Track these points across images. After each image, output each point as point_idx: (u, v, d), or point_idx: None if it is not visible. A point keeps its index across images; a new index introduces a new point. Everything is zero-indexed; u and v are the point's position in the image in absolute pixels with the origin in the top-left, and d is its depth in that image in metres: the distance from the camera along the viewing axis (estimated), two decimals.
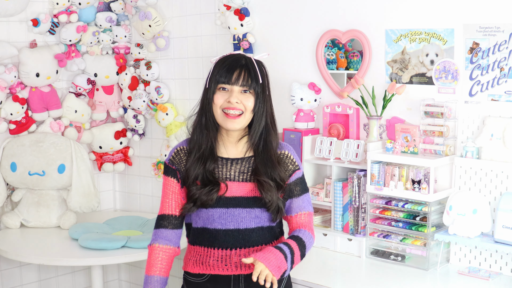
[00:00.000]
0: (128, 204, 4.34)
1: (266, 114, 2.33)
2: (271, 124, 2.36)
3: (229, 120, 2.28)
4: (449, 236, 2.76)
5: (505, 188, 2.74)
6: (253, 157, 2.34)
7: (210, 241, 2.32)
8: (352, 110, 3.12)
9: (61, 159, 3.71)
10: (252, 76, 2.28)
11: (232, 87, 2.27)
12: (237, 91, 2.27)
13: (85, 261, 3.29)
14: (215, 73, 2.30)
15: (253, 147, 2.34)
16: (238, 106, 2.27)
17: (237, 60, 2.30)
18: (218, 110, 2.29)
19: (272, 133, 2.35)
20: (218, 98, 2.29)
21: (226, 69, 2.29)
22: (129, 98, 4.04)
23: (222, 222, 2.30)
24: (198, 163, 2.31)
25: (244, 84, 2.27)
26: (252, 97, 2.29)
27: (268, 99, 2.35)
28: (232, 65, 2.29)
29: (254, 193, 2.31)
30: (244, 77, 2.28)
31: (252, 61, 2.32)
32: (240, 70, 2.28)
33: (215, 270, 2.31)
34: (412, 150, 2.89)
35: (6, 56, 3.64)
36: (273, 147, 2.34)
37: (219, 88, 2.29)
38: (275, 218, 2.33)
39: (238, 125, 2.29)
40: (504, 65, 2.70)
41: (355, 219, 3.02)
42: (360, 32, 3.10)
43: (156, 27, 3.83)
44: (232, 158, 2.35)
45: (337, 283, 2.75)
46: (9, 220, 3.68)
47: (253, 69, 2.29)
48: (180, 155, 2.37)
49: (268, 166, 2.31)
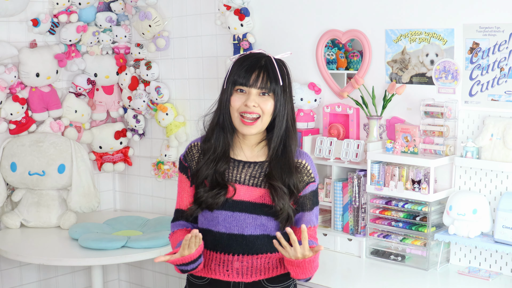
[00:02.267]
0: (128, 204, 4.34)
1: (287, 116, 2.25)
2: (292, 127, 2.27)
3: (245, 126, 2.21)
4: (449, 236, 2.76)
5: (505, 188, 2.74)
6: (266, 162, 2.28)
7: (213, 244, 2.27)
8: (352, 110, 3.12)
9: (61, 159, 3.71)
10: (272, 78, 2.20)
11: (250, 89, 2.20)
12: (255, 94, 2.20)
13: (85, 261, 3.29)
14: (233, 73, 2.22)
15: (273, 151, 2.26)
16: (255, 110, 2.19)
17: (256, 61, 2.22)
18: (235, 113, 2.23)
19: (292, 136, 2.27)
20: (235, 101, 2.22)
21: (245, 70, 2.20)
22: (129, 98, 4.04)
23: (226, 226, 2.24)
24: (210, 163, 2.26)
25: (262, 87, 2.19)
26: (271, 100, 2.21)
27: (289, 101, 2.26)
28: (250, 66, 2.21)
29: (262, 199, 2.24)
30: (263, 79, 2.19)
31: (272, 61, 2.23)
32: (259, 72, 2.20)
33: (216, 274, 2.27)
34: (412, 150, 2.89)
35: (6, 56, 3.64)
36: (292, 151, 2.26)
37: (236, 89, 2.22)
38: (283, 227, 2.23)
39: (254, 130, 2.22)
40: (504, 65, 2.70)
41: (355, 219, 3.02)
42: (360, 32, 3.10)
43: (156, 27, 3.83)
44: (245, 161, 2.29)
45: (337, 283, 2.75)
46: (9, 220, 3.68)
47: (272, 70, 2.21)
48: (193, 151, 2.33)
49: (284, 171, 2.24)
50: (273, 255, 2.28)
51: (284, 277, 2.31)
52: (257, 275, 2.26)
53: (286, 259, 2.16)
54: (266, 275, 2.27)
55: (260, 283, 2.27)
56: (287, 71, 2.28)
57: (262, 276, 2.27)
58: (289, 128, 2.26)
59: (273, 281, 2.29)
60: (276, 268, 2.29)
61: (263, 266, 2.27)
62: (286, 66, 2.29)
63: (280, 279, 2.30)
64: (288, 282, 2.33)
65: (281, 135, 2.25)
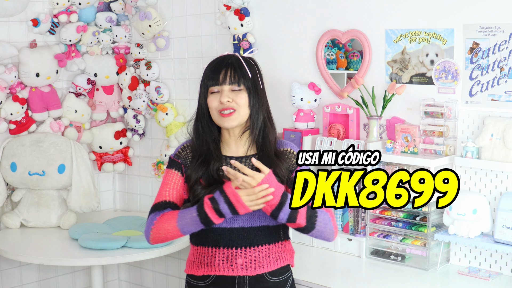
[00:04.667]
0: (128, 204, 4.34)
1: (262, 108, 2.34)
2: (268, 119, 2.37)
3: (224, 119, 2.30)
4: (449, 236, 2.76)
5: (505, 188, 2.74)
6: (256, 155, 2.35)
7: (214, 240, 2.31)
8: (352, 110, 3.12)
9: (61, 159, 3.71)
10: (239, 73, 2.29)
11: (221, 87, 2.30)
12: (227, 90, 2.29)
13: (85, 261, 3.29)
14: (204, 77, 2.34)
15: (255, 143, 2.35)
16: (230, 105, 2.28)
17: (222, 60, 2.33)
18: (214, 113, 2.31)
19: (269, 127, 2.36)
20: (212, 102, 2.31)
21: (213, 71, 2.32)
22: (129, 98, 4.04)
23: (226, 221, 2.29)
24: (200, 166, 2.31)
25: (232, 82, 2.29)
26: (244, 94, 2.30)
27: (263, 94, 2.36)
28: (217, 66, 2.32)
29: None
30: (231, 74, 2.29)
31: (238, 58, 2.33)
32: (226, 69, 2.30)
33: (220, 271, 2.31)
34: (412, 150, 2.89)
35: (6, 56, 3.64)
36: (271, 142, 2.35)
37: (210, 92, 2.32)
38: None
39: (235, 122, 2.30)
40: (504, 65, 2.70)
41: (355, 219, 3.02)
42: (360, 32, 3.10)
43: (156, 27, 3.83)
44: (236, 156, 2.36)
45: (337, 283, 2.75)
46: (9, 220, 3.68)
47: (239, 66, 2.30)
48: (187, 151, 2.38)
49: (271, 162, 2.30)
50: (272, 246, 2.35)
51: (283, 270, 2.40)
52: (260, 269, 2.33)
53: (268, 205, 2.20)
54: (268, 269, 2.35)
55: (263, 276, 2.34)
56: (256, 65, 2.37)
57: (264, 269, 2.34)
58: (266, 120, 2.35)
59: (274, 274, 2.36)
60: (276, 261, 2.36)
61: (265, 260, 2.34)
62: (255, 62, 2.39)
63: (280, 271, 2.38)
64: (287, 274, 2.42)
65: (259, 126, 2.34)
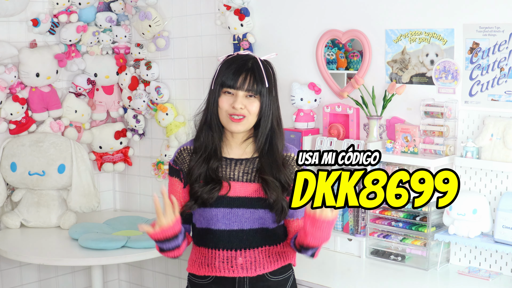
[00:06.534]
0: (128, 204, 4.34)
1: (272, 116, 2.31)
2: (277, 126, 2.34)
3: (233, 123, 2.27)
4: (449, 236, 2.76)
5: (505, 188, 2.74)
6: (257, 158, 2.33)
7: (214, 242, 2.31)
8: (352, 110, 3.12)
9: (61, 159, 3.71)
10: (258, 80, 2.26)
11: (237, 91, 2.26)
12: (242, 96, 2.26)
13: (85, 261, 3.29)
14: (221, 75, 2.29)
15: (259, 148, 2.32)
16: (242, 111, 2.25)
17: (243, 63, 2.28)
18: (223, 113, 2.28)
19: (278, 135, 2.33)
20: (223, 102, 2.28)
21: (232, 72, 2.26)
22: (129, 98, 4.04)
23: (226, 223, 2.28)
24: (202, 162, 2.30)
25: (249, 89, 2.25)
26: (257, 101, 2.27)
27: (275, 101, 2.33)
28: (238, 69, 2.27)
29: (258, 193, 2.29)
30: (249, 81, 2.25)
31: (258, 63, 2.29)
32: (246, 74, 2.26)
33: (220, 272, 2.30)
34: (412, 150, 2.89)
35: (6, 56, 3.64)
36: (278, 149, 2.32)
37: (224, 91, 2.28)
38: (279, 219, 2.30)
39: (242, 128, 2.28)
40: (504, 65, 2.70)
41: (355, 219, 3.02)
42: (360, 32, 3.10)
43: (156, 27, 3.83)
44: (236, 158, 2.34)
45: (337, 283, 2.75)
46: (9, 220, 3.68)
47: (259, 73, 2.27)
48: (183, 155, 2.37)
49: (274, 168, 2.29)
50: (272, 248, 2.34)
51: (284, 269, 2.38)
52: (260, 269, 2.32)
53: (308, 215, 2.15)
54: (269, 269, 2.33)
55: (264, 276, 2.33)
56: (273, 72, 2.34)
57: (265, 269, 2.33)
58: (274, 127, 2.33)
59: (275, 273, 2.35)
60: (276, 261, 2.35)
61: (265, 260, 2.33)
62: (272, 67, 2.35)
63: (281, 271, 2.37)
64: (288, 273, 2.40)
65: (266, 133, 2.32)
